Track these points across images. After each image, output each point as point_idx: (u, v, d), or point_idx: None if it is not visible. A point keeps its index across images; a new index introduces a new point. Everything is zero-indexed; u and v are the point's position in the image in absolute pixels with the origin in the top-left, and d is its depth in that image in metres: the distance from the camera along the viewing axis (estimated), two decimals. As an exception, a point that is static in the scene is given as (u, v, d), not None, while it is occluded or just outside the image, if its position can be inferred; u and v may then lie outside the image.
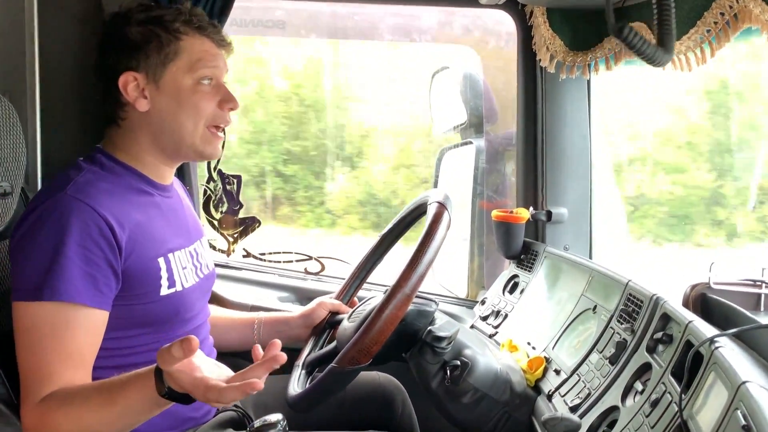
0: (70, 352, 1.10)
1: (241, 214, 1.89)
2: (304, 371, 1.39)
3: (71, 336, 1.10)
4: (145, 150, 1.28)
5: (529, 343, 1.50)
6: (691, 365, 0.93)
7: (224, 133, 1.34)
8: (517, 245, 1.80)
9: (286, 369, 1.44)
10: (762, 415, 0.67)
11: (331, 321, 1.56)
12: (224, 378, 0.99)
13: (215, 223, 1.87)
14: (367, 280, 1.65)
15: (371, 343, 1.18)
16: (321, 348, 1.51)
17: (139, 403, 1.04)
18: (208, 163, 1.85)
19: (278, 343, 1.04)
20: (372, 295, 1.43)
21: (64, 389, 1.08)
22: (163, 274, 1.23)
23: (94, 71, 1.31)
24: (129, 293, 1.19)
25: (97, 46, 1.31)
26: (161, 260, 1.24)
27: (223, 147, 1.81)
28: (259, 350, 1.04)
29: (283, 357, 0.99)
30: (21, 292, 1.12)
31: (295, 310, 1.83)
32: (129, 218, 1.19)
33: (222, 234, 1.89)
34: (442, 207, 1.29)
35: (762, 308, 1.21)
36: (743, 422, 0.69)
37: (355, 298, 1.63)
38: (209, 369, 0.99)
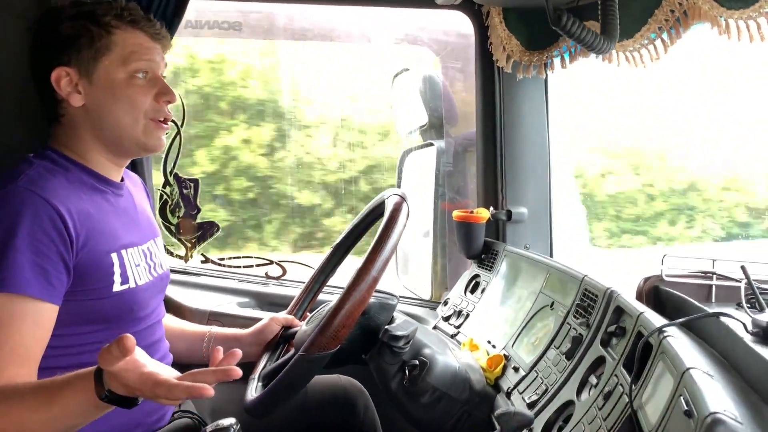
0: (15, 347, 1.07)
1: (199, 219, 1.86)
2: (260, 383, 1.36)
3: (17, 329, 1.07)
4: (89, 146, 1.27)
5: (489, 342, 1.49)
6: (641, 356, 0.93)
7: (167, 125, 1.32)
8: (478, 245, 1.80)
9: (243, 380, 1.42)
10: (702, 398, 0.67)
11: (285, 335, 1.53)
12: (172, 376, 0.97)
13: (172, 228, 1.84)
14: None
15: (340, 326, 1.16)
16: (277, 360, 1.48)
17: (78, 406, 1.01)
18: (164, 167, 1.81)
19: (238, 353, 1.04)
20: (327, 302, 1.41)
21: (6, 387, 1.04)
22: (116, 269, 1.22)
23: (30, 69, 1.29)
24: (81, 288, 1.16)
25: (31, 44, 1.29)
26: (114, 255, 1.22)
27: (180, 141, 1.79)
28: (219, 353, 1.03)
29: (238, 372, 0.99)
30: None
31: (256, 314, 1.82)
32: (81, 211, 1.17)
33: (179, 239, 1.85)
34: (401, 198, 1.30)
35: (713, 299, 1.22)
36: (685, 407, 0.69)
37: (308, 313, 1.61)
38: (155, 367, 0.98)
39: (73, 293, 1.15)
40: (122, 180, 1.36)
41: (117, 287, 1.21)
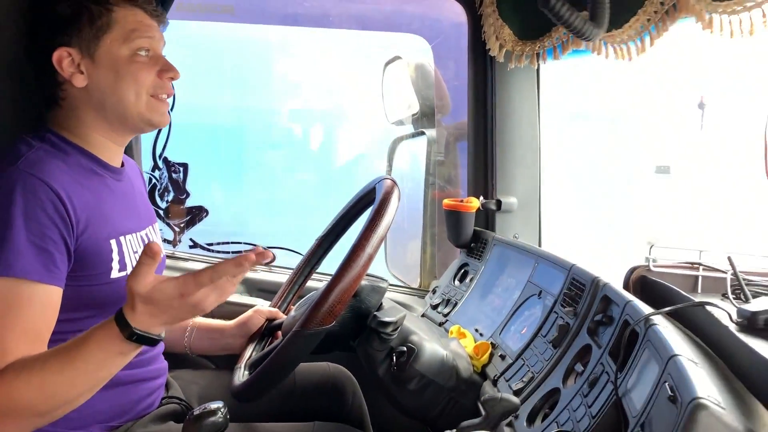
0: (26, 329, 1.06)
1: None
2: (246, 371, 1.36)
3: (27, 313, 1.07)
4: (91, 127, 1.25)
5: (477, 330, 1.50)
6: (627, 344, 0.94)
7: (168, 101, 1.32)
8: (467, 234, 1.80)
9: (229, 370, 1.42)
10: (686, 384, 0.68)
11: (270, 327, 1.54)
12: None
13: (161, 212, 1.82)
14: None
15: (335, 302, 1.16)
16: (263, 350, 1.48)
17: (102, 357, 1.01)
18: (153, 151, 1.80)
19: (269, 253, 1.03)
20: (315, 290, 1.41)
21: (21, 359, 1.04)
22: (115, 256, 1.21)
23: (26, 53, 1.28)
24: (79, 273, 1.16)
25: (28, 27, 1.27)
26: (113, 242, 1.21)
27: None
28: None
29: (270, 253, 1.01)
30: None
31: (244, 300, 1.82)
32: (81, 197, 1.16)
33: (168, 224, 1.84)
34: (391, 181, 1.31)
35: (699, 290, 1.24)
36: (670, 393, 0.69)
37: (292, 306, 1.60)
38: None
39: (72, 278, 1.14)
40: (122, 165, 1.34)
41: (115, 274, 1.21)
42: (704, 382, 0.68)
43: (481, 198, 1.84)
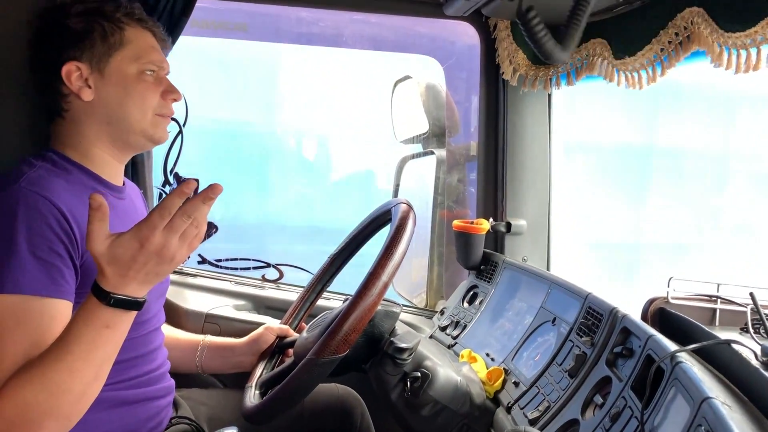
0: (37, 342, 1.05)
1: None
2: (257, 391, 1.36)
3: (36, 327, 1.05)
4: (93, 142, 1.26)
5: (488, 355, 1.50)
6: (651, 380, 0.94)
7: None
8: (477, 256, 1.80)
9: (239, 388, 1.41)
10: (725, 431, 0.68)
11: (281, 345, 1.53)
12: None
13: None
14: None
15: (350, 330, 1.16)
16: (273, 369, 1.47)
17: (90, 333, 0.99)
18: (165, 166, 1.79)
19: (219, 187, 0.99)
20: (328, 310, 1.41)
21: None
22: None
23: (30, 65, 1.28)
24: (84, 291, 1.12)
25: (33, 39, 1.28)
26: None
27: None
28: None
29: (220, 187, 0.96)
30: None
31: (252, 318, 1.81)
32: (83, 213, 1.14)
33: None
34: (408, 206, 1.31)
35: (717, 323, 1.24)
36: (707, 438, 0.69)
37: (303, 323, 1.60)
38: None
39: (78, 295, 1.13)
40: (123, 184, 1.34)
41: None
42: (741, 429, 0.69)
43: (491, 220, 1.85)
